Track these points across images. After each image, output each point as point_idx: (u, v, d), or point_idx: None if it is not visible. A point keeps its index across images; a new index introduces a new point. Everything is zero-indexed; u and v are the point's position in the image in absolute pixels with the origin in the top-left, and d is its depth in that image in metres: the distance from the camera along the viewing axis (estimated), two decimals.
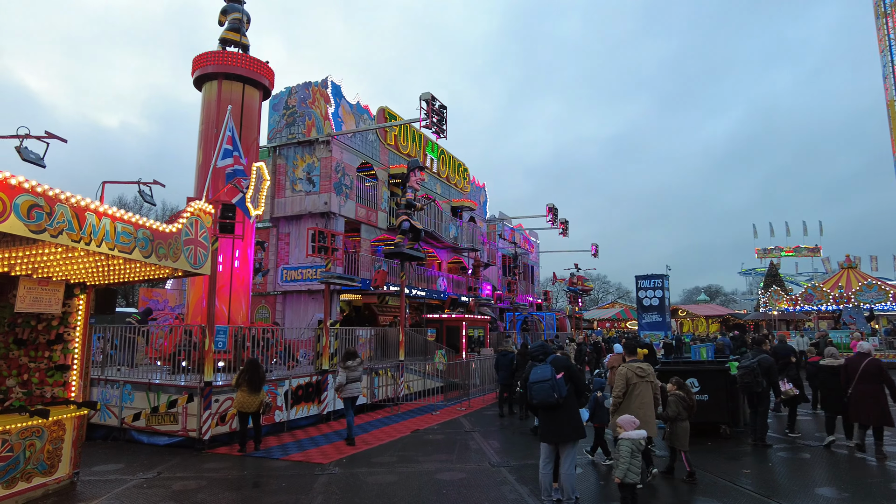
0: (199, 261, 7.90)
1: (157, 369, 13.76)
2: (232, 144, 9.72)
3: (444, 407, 15.71)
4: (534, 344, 6.48)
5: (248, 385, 9.97)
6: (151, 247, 6.80)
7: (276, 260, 19.65)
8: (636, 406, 7.12)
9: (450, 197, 27.14)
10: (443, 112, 16.82)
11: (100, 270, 7.49)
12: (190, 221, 7.76)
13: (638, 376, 7.30)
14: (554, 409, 6.01)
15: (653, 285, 45.99)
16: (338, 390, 11.11)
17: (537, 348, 6.32)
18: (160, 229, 6.99)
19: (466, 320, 22.58)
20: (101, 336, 13.96)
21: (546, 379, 5.95)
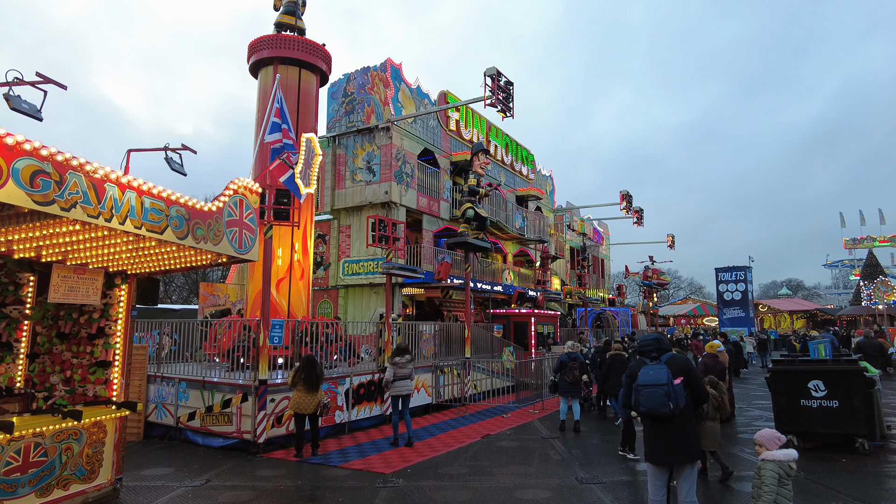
0: (245, 245, 7.03)
1: (215, 366, 13.27)
2: (280, 117, 8.85)
3: (516, 409, 14.45)
4: (645, 336, 5.12)
5: (304, 384, 9.11)
6: (187, 227, 5.95)
7: (338, 253, 18.99)
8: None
9: (514, 186, 25.76)
10: (509, 89, 15.52)
11: (137, 256, 6.74)
12: (233, 200, 6.89)
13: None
14: (666, 422, 4.70)
15: (734, 278, 42.81)
16: (385, 386, 10.23)
17: (650, 342, 4.97)
18: (198, 207, 6.13)
19: (536, 316, 21.18)
20: (161, 332, 13.65)
21: (660, 383, 4.63)
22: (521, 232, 23.67)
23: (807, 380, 8.96)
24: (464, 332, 16.14)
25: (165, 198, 5.69)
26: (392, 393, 10.41)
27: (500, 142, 24.46)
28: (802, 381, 9.00)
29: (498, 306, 22.77)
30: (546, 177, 29.89)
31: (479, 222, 16.86)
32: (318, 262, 19.34)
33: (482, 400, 15.86)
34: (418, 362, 14.92)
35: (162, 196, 5.64)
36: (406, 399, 10.54)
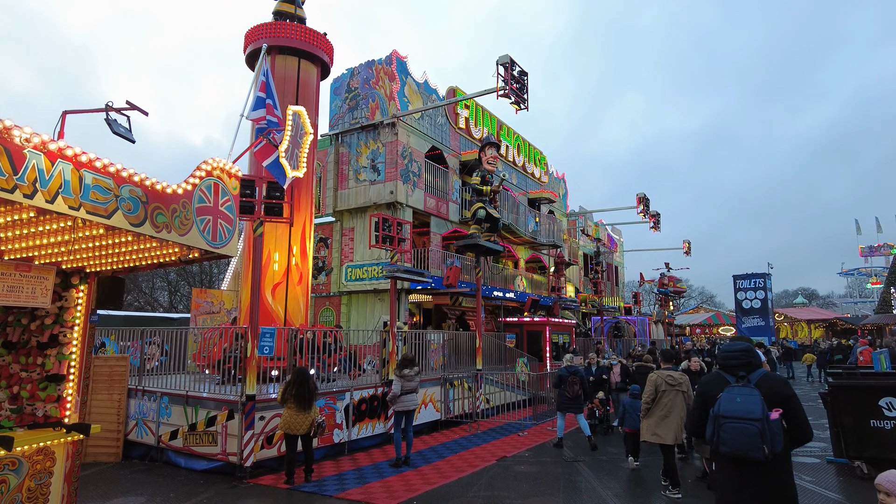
0: (220, 237, 5.93)
1: (204, 378, 12.18)
2: (266, 92, 7.75)
3: (532, 426, 13.24)
4: (731, 345, 3.85)
5: (295, 401, 7.96)
6: (144, 211, 4.85)
7: (340, 257, 17.90)
8: (660, 414, 7.30)
9: (527, 188, 24.63)
10: (523, 79, 14.44)
11: (91, 249, 5.64)
12: (206, 184, 5.79)
13: (668, 384, 7.36)
14: (755, 467, 3.49)
15: (753, 285, 41.34)
16: (391, 401, 9.13)
17: (738, 354, 3.72)
18: (159, 188, 5.04)
19: (550, 324, 19.96)
20: (152, 341, 12.58)
21: (753, 417, 3.41)
22: (534, 236, 22.50)
23: (878, 397, 7.71)
24: (474, 341, 14.97)
25: (114, 174, 4.58)
26: (398, 408, 9.29)
27: (511, 142, 23.37)
28: (872, 398, 7.76)
29: (509, 314, 21.57)
30: (559, 180, 28.75)
31: (491, 223, 15.71)
32: (320, 268, 18.26)
33: (495, 415, 14.64)
34: (426, 374, 13.75)
35: (109, 171, 4.53)
36: (411, 415, 9.43)
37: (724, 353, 3.77)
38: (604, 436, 11.91)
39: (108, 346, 12.64)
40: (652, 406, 7.37)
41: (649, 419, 7.39)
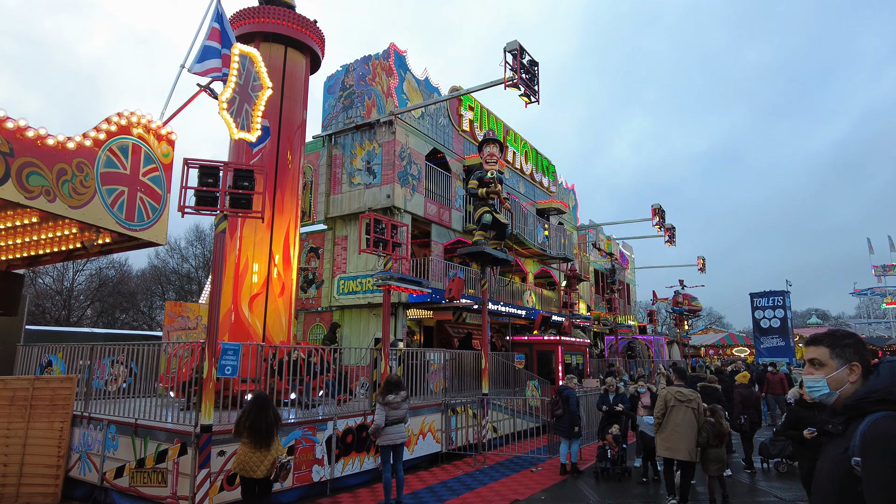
0: (140, 216, 4.43)
1: (170, 403, 10.54)
2: (221, 40, 6.16)
3: (547, 459, 11.52)
4: None
5: (250, 435, 6.29)
6: (5, 166, 3.34)
7: (332, 268, 16.35)
8: (670, 429, 7.50)
9: (535, 198, 23.12)
10: (534, 69, 13.03)
11: None
12: (120, 144, 4.34)
13: (677, 400, 7.52)
14: None
15: (772, 304, 39.38)
16: (374, 435, 7.52)
17: None
18: (32, 136, 3.53)
19: (562, 344, 18.28)
20: (117, 360, 11.01)
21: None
22: (543, 248, 20.92)
23: None
24: (479, 362, 13.32)
25: None
26: (383, 442, 7.68)
27: (518, 148, 21.93)
28: None
29: (517, 333, 19.91)
30: (568, 190, 27.26)
31: (497, 230, 14.18)
32: (311, 280, 16.72)
33: (503, 446, 12.93)
34: (425, 399, 12.10)
35: None
36: (400, 450, 7.80)
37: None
38: (617, 482, 9.66)
39: (56, 365, 11.07)
40: (663, 421, 7.68)
41: (661, 434, 7.72)
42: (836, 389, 2.20)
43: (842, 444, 2.04)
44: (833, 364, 2.21)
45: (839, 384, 2.19)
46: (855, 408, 2.07)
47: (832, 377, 2.20)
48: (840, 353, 2.22)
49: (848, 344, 2.24)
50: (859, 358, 2.20)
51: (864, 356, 2.23)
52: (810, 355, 2.30)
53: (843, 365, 2.18)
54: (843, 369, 2.18)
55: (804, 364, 2.40)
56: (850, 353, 2.21)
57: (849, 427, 2.06)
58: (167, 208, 4.91)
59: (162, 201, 4.77)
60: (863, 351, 2.24)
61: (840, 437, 2.10)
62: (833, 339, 2.27)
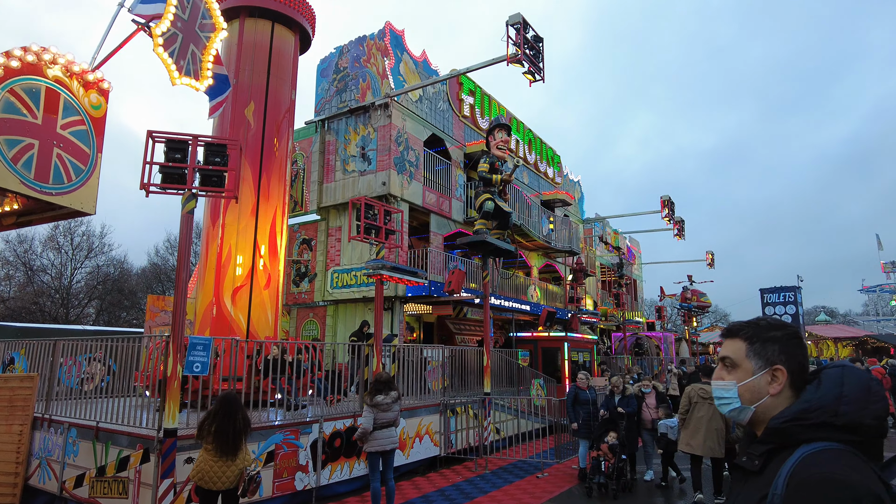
0: (58, 177, 3.61)
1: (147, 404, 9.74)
2: None
3: (553, 464, 10.67)
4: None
5: (215, 441, 5.45)
6: None
7: (325, 261, 15.52)
8: (693, 426, 7.68)
9: (539, 189, 22.23)
10: (538, 45, 12.16)
11: None
12: (29, 88, 3.47)
13: (701, 397, 7.67)
14: None
15: (783, 299, 38.45)
16: (361, 440, 6.68)
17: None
18: None
19: (568, 341, 17.41)
20: (93, 357, 10.21)
21: None
22: (548, 240, 20.03)
23: None
24: (481, 359, 12.47)
25: None
26: (371, 448, 6.83)
27: (522, 137, 21.05)
28: None
29: (521, 329, 19.05)
30: (574, 182, 26.36)
31: (500, 219, 13.30)
32: (303, 273, 15.90)
33: (506, 448, 12.10)
34: (423, 399, 11.26)
35: None
36: (390, 456, 6.96)
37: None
38: (613, 500, 8.28)
39: (18, 363, 10.27)
40: (687, 418, 7.80)
41: (685, 430, 7.85)
42: (750, 404, 1.50)
43: (758, 489, 1.38)
44: (748, 366, 1.51)
45: (755, 396, 1.49)
46: (780, 434, 1.39)
47: (745, 385, 1.51)
48: (760, 350, 1.51)
49: (773, 338, 1.51)
50: (787, 360, 1.48)
51: (797, 358, 1.49)
52: (723, 352, 1.60)
53: (763, 368, 1.49)
54: (761, 375, 1.49)
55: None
56: (775, 351, 1.49)
57: (770, 462, 1.39)
58: (97, 170, 4.09)
59: (90, 161, 3.96)
60: (795, 350, 1.50)
61: (756, 477, 1.42)
62: (753, 331, 1.55)
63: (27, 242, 38.39)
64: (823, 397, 1.36)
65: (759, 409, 1.47)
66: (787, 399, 1.44)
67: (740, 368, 1.51)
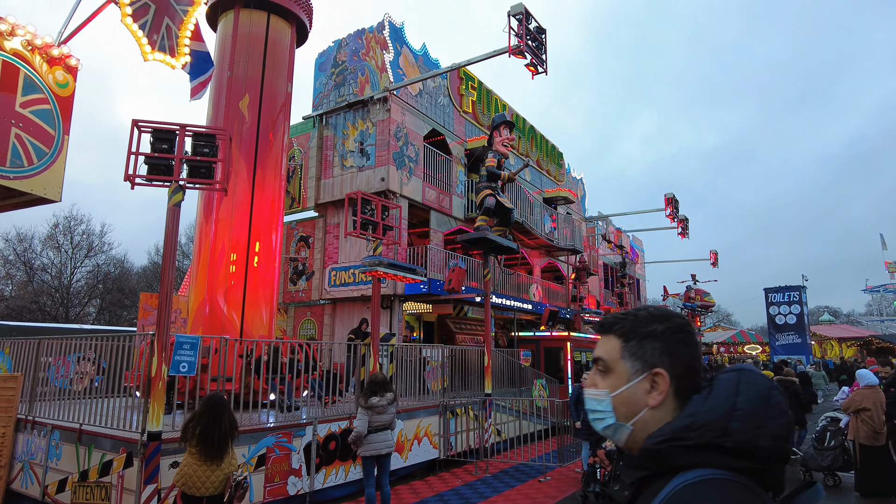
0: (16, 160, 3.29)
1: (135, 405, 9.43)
2: None
3: (556, 467, 10.35)
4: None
5: (200, 444, 5.14)
6: None
7: (323, 259, 15.21)
8: None
9: (542, 186, 21.90)
10: (541, 37, 11.83)
11: None
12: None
13: None
14: None
15: (787, 299, 37.99)
16: (354, 443, 6.37)
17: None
18: None
19: (571, 340, 17.08)
20: (83, 357, 9.91)
21: None
22: (550, 237, 19.70)
23: None
24: (482, 359, 12.15)
25: None
26: (366, 452, 6.52)
27: (524, 133, 20.71)
28: None
29: (523, 329, 18.72)
30: (577, 180, 26.01)
31: (502, 216, 12.98)
32: (301, 271, 15.59)
33: (508, 451, 11.79)
34: (421, 400, 10.95)
35: None
36: (386, 460, 6.65)
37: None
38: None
39: (3, 362, 9.97)
40: None
41: None
42: (627, 419, 1.15)
43: None
44: (623, 369, 1.16)
45: (632, 409, 1.15)
46: (654, 457, 1.07)
47: (619, 395, 1.16)
48: (637, 349, 1.16)
49: (653, 334, 1.16)
50: (671, 361, 1.14)
51: (683, 358, 1.14)
52: (596, 352, 1.25)
53: (641, 373, 1.14)
54: (638, 381, 1.14)
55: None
56: (655, 350, 1.14)
57: (643, 492, 1.08)
58: (63, 153, 3.77)
59: (55, 144, 3.65)
60: (681, 348, 1.15)
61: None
62: (629, 324, 1.19)
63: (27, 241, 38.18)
64: (711, 411, 1.04)
65: (637, 426, 1.12)
66: (670, 412, 1.11)
67: (614, 373, 1.17)
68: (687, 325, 1.18)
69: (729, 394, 1.06)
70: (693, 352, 1.15)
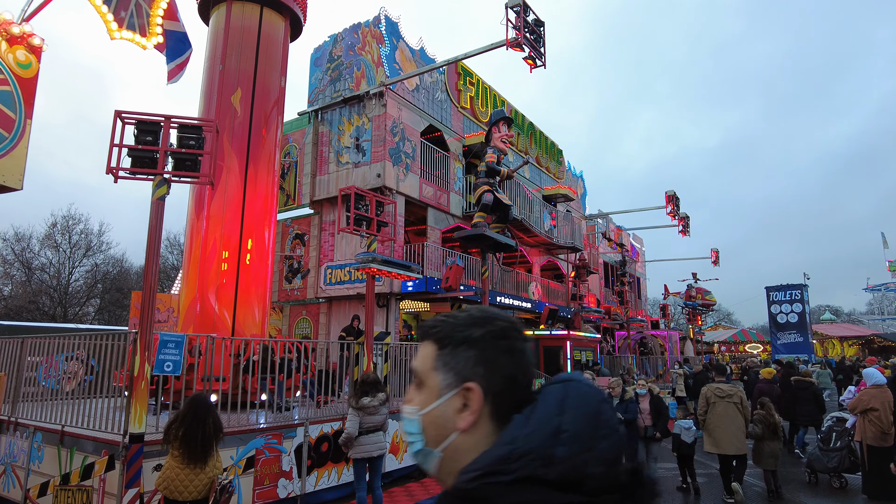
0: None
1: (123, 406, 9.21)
2: None
3: None
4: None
5: (183, 446, 4.91)
6: None
7: (319, 256, 14.99)
8: (713, 425, 7.69)
9: (541, 184, 21.67)
10: (539, 30, 11.61)
11: None
12: None
13: (717, 396, 7.70)
14: None
15: (789, 298, 37.69)
16: (345, 445, 6.14)
17: None
18: None
19: (571, 339, 16.86)
20: (73, 356, 9.70)
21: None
22: (550, 235, 19.47)
23: None
24: None
25: None
26: (357, 455, 6.31)
27: (523, 130, 20.48)
28: None
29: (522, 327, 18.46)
30: (577, 177, 25.78)
31: (500, 212, 12.79)
32: (296, 269, 15.38)
33: None
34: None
35: None
36: (378, 462, 6.44)
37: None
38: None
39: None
40: (706, 418, 7.77)
41: (705, 431, 7.84)
42: (435, 445, 0.92)
43: None
44: (435, 383, 0.94)
45: (441, 432, 0.92)
46: (467, 498, 0.83)
47: (428, 413, 0.94)
48: (450, 359, 0.94)
49: (469, 339, 0.94)
50: (486, 373, 0.92)
51: (503, 369, 0.93)
52: (414, 364, 1.02)
53: (453, 388, 0.93)
54: (448, 397, 0.93)
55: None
56: (469, 360, 0.92)
57: None
58: (25, 139, 3.55)
59: (16, 129, 3.45)
60: (501, 358, 0.93)
61: None
62: (447, 329, 0.97)
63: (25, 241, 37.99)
64: (533, 435, 0.83)
65: (447, 453, 0.91)
66: (486, 437, 0.89)
67: (426, 387, 0.95)
68: (512, 329, 0.96)
69: (553, 412, 0.84)
70: (518, 361, 0.94)
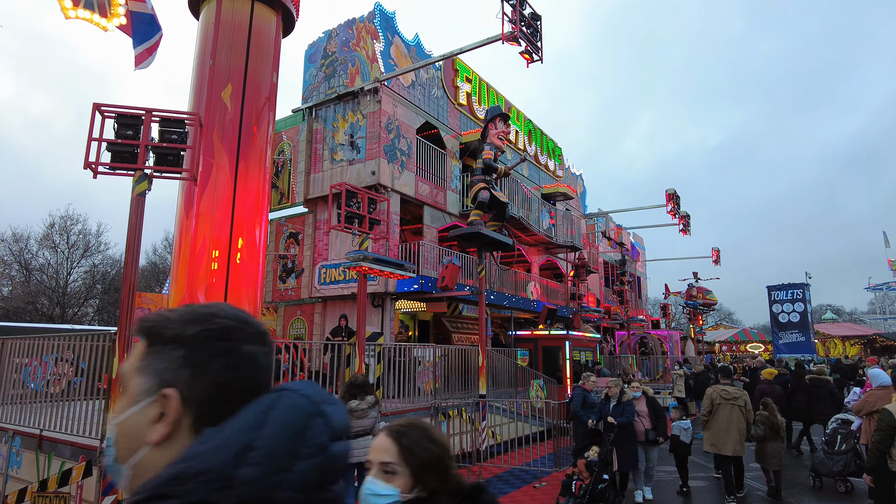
0: None
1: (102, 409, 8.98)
2: None
3: (552, 472, 9.89)
4: None
5: None
6: None
7: (313, 256, 14.76)
8: (716, 426, 7.69)
9: (540, 182, 21.44)
10: (536, 24, 11.36)
11: None
12: None
13: (722, 398, 7.70)
14: None
15: (791, 297, 37.37)
16: None
17: None
18: None
19: (570, 339, 16.60)
20: (61, 357, 9.49)
21: None
22: (549, 234, 19.23)
23: None
24: (476, 359, 11.70)
25: None
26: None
27: (522, 128, 20.24)
28: None
29: (521, 327, 18.27)
30: (576, 176, 25.55)
31: (496, 210, 12.54)
32: (290, 269, 15.16)
33: (503, 454, 11.32)
34: (413, 401, 10.51)
35: None
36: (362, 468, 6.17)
37: None
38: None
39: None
40: (709, 419, 7.76)
41: (708, 432, 7.83)
42: (125, 460, 0.81)
43: None
44: (133, 387, 0.84)
45: (132, 444, 0.81)
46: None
47: (122, 422, 0.82)
48: (154, 360, 0.83)
49: (180, 338, 0.82)
50: (190, 378, 0.80)
51: (213, 376, 0.81)
52: (122, 365, 0.90)
53: (151, 394, 0.81)
54: (144, 405, 0.81)
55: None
56: (174, 362, 0.81)
57: None
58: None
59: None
60: (211, 362, 0.81)
61: None
62: (159, 324, 0.84)
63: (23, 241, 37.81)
64: (215, 452, 0.71)
65: (136, 470, 0.78)
66: (176, 447, 0.77)
67: (126, 392, 0.83)
68: (239, 329, 0.82)
69: (250, 425, 0.73)
70: (236, 366, 0.80)
